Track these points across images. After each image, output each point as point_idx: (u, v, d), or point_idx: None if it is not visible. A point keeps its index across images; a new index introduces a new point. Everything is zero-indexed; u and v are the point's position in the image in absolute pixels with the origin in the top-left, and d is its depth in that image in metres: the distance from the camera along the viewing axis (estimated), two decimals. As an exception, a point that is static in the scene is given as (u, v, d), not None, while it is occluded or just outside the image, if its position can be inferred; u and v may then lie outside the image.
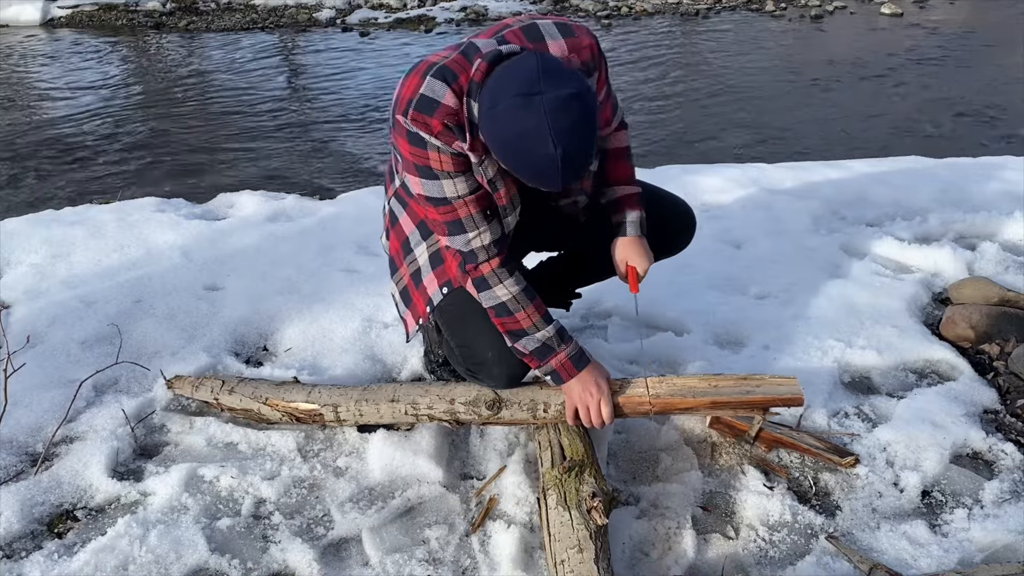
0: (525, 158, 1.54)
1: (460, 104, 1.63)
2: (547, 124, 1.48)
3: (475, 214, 1.76)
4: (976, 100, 6.84)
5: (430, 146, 1.66)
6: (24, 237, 3.18)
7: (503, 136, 1.54)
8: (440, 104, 1.62)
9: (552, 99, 1.48)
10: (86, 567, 1.76)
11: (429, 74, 1.64)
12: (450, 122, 1.63)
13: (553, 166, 1.52)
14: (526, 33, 1.71)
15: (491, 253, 1.81)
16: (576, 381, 1.87)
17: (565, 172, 1.53)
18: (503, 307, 1.82)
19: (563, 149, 1.49)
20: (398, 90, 1.69)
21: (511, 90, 1.51)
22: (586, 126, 1.52)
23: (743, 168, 4.03)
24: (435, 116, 1.63)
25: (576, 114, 1.50)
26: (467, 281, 1.85)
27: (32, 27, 9.89)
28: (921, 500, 1.98)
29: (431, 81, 1.63)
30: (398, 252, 2.01)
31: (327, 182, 5.37)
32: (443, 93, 1.62)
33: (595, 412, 1.87)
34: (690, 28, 9.70)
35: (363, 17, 10.09)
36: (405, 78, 1.69)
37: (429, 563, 1.81)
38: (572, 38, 1.72)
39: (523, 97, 1.49)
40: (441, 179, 1.71)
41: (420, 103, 1.63)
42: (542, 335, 1.83)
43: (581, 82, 1.54)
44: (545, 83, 1.49)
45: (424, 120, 1.63)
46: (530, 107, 1.48)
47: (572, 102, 1.50)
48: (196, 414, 2.25)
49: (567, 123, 1.49)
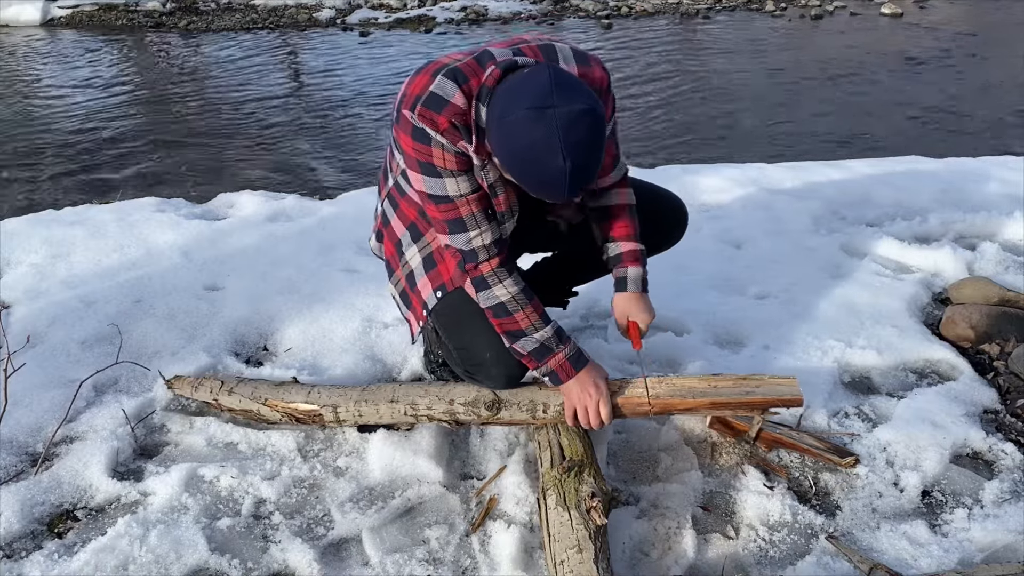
0: (533, 168, 1.55)
1: (469, 106, 1.64)
2: (559, 138, 1.50)
3: (476, 213, 1.77)
4: (976, 101, 6.84)
5: (435, 143, 1.67)
6: (24, 237, 3.18)
7: (512, 145, 1.55)
8: (449, 103, 1.64)
9: (565, 113, 1.50)
10: (86, 567, 1.76)
11: (440, 74, 1.66)
12: (457, 121, 1.65)
13: (561, 178, 1.53)
14: (543, 51, 1.73)
15: (491, 253, 1.81)
16: (574, 382, 1.87)
17: (572, 185, 1.55)
18: (502, 307, 1.82)
19: (572, 163, 1.51)
20: (405, 87, 1.70)
21: (524, 101, 1.52)
22: (596, 141, 1.55)
23: (743, 168, 4.04)
24: (443, 114, 1.64)
25: (587, 129, 1.52)
26: (466, 280, 1.85)
27: (32, 27, 9.89)
28: (921, 500, 1.98)
29: (442, 80, 1.65)
30: (393, 255, 2.01)
31: (327, 182, 5.37)
32: (453, 93, 1.64)
33: (594, 413, 1.87)
34: (690, 28, 9.71)
35: (363, 17, 10.09)
36: (413, 76, 1.70)
37: (429, 563, 1.81)
38: (586, 67, 1.74)
39: (536, 110, 1.50)
40: (444, 177, 1.72)
41: (429, 100, 1.65)
42: (540, 336, 1.83)
43: (593, 98, 1.56)
44: (558, 96, 1.51)
45: (431, 116, 1.64)
46: (542, 120, 1.50)
47: (584, 117, 1.52)
48: (196, 414, 2.25)
49: (577, 138, 1.51)
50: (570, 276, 2.31)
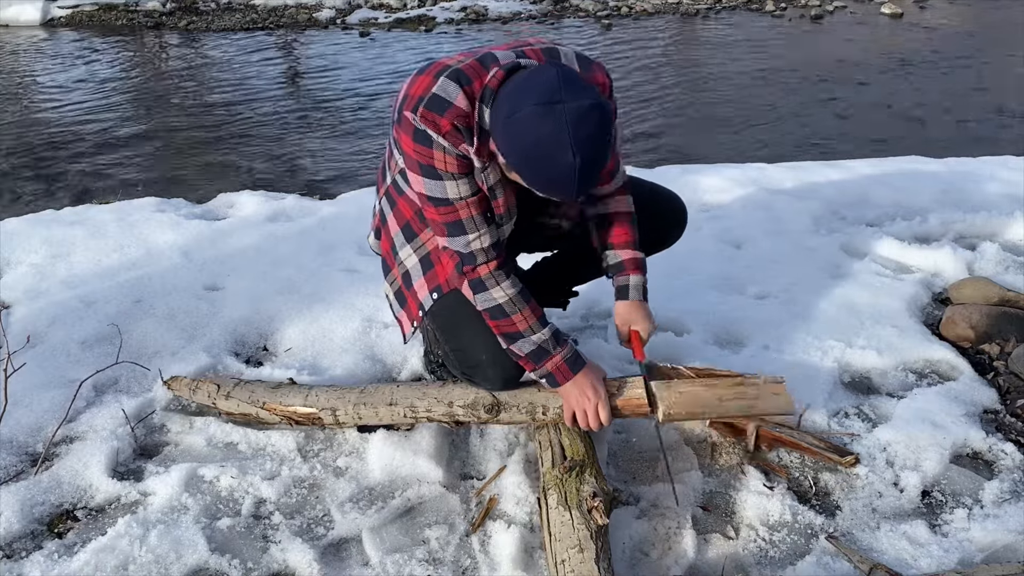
0: (542, 165, 1.54)
1: (472, 108, 1.64)
2: (568, 133, 1.49)
3: (476, 216, 1.76)
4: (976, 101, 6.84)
5: (436, 145, 1.66)
6: (24, 237, 3.18)
7: (521, 143, 1.54)
8: (452, 105, 1.63)
9: (574, 108, 1.49)
10: (86, 567, 1.76)
11: (443, 75, 1.65)
12: (460, 124, 1.64)
13: (570, 174, 1.52)
14: (546, 53, 1.73)
15: (489, 256, 1.80)
16: (572, 384, 1.86)
17: (581, 181, 1.54)
18: (499, 309, 1.82)
19: (581, 159, 1.50)
20: (406, 88, 1.69)
21: (531, 98, 1.51)
22: (604, 137, 1.54)
23: (743, 168, 4.04)
24: (445, 116, 1.63)
25: (595, 125, 1.51)
26: (463, 283, 1.85)
27: (32, 27, 9.90)
28: (921, 500, 1.98)
29: (444, 82, 1.64)
30: (388, 253, 2.01)
31: (327, 182, 5.37)
32: (455, 95, 1.63)
33: (592, 416, 1.87)
34: (690, 28, 9.71)
35: (363, 17, 10.10)
36: (415, 77, 1.69)
37: (429, 563, 1.81)
38: (588, 71, 1.74)
39: (544, 106, 1.50)
40: (444, 180, 1.71)
41: (431, 102, 1.64)
42: (537, 338, 1.82)
43: (599, 95, 1.55)
44: (566, 93, 1.51)
45: (434, 119, 1.64)
46: (551, 115, 1.49)
47: (592, 112, 1.51)
48: (196, 414, 2.25)
49: (587, 132, 1.50)
50: (570, 276, 2.30)
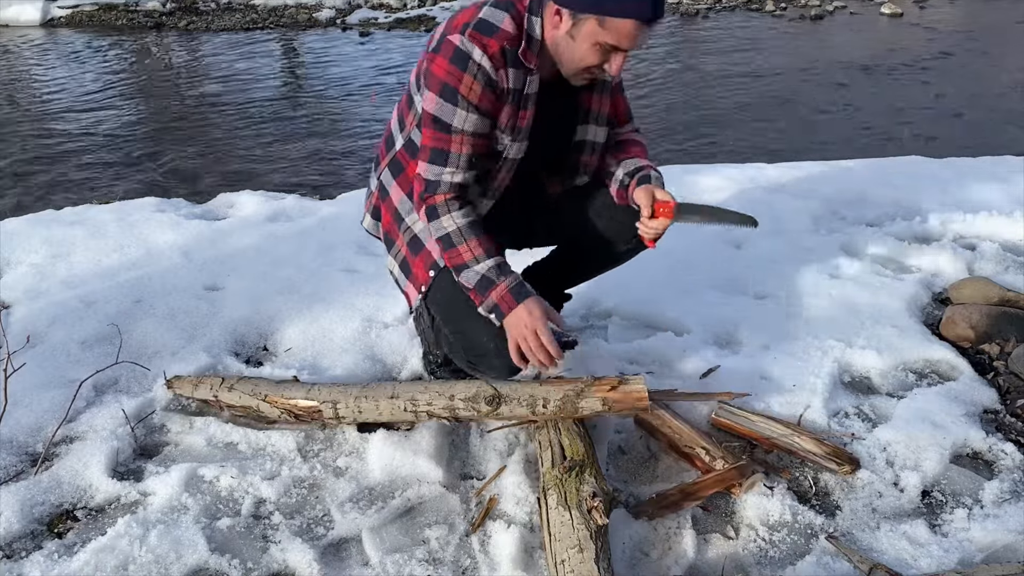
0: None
1: (519, 30, 1.74)
2: None
3: (463, 154, 1.82)
4: (976, 101, 6.84)
5: (471, 69, 1.73)
6: (24, 237, 3.18)
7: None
8: (499, 28, 1.73)
9: None
10: (86, 567, 1.76)
11: (488, 4, 1.76)
12: (508, 46, 1.73)
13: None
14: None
15: (451, 189, 1.85)
16: (514, 315, 1.84)
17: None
18: (448, 238, 1.85)
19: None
20: (450, 21, 1.79)
21: None
22: None
23: (742, 168, 4.03)
24: (494, 37, 1.73)
25: None
26: (421, 210, 1.89)
27: (32, 27, 9.89)
28: (921, 500, 1.98)
29: (490, 9, 1.76)
30: (392, 224, 2.02)
31: (327, 182, 5.37)
32: (503, 19, 1.74)
33: (535, 344, 1.81)
34: (690, 28, 9.70)
35: (363, 17, 10.08)
36: (457, 13, 1.80)
37: (429, 563, 1.81)
38: None
39: None
40: (458, 106, 1.76)
41: (479, 25, 1.74)
42: (481, 267, 1.84)
43: None
44: None
45: (482, 40, 1.73)
46: None
47: None
48: (196, 414, 2.25)
49: None
50: (562, 278, 2.31)
